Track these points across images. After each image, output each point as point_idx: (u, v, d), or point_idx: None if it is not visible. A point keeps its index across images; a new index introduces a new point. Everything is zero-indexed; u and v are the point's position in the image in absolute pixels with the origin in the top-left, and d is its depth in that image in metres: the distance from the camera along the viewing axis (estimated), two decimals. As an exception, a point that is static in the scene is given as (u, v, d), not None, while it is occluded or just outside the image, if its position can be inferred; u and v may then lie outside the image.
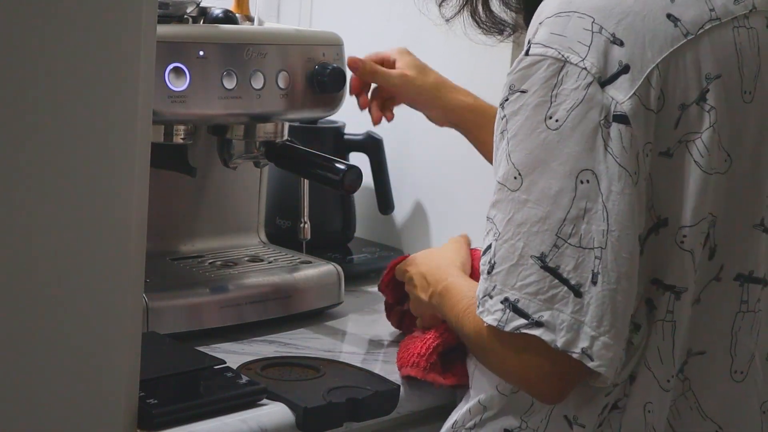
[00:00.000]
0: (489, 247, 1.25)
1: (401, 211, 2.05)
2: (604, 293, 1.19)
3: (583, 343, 1.19)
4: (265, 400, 1.41)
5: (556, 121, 1.19)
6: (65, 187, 1.18)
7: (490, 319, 1.22)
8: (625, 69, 1.21)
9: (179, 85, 1.56)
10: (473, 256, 1.58)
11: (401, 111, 2.04)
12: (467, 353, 1.44)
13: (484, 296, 1.24)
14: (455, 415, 1.42)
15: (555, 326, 1.19)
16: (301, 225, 1.76)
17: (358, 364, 1.55)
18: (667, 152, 1.23)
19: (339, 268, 1.77)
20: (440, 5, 1.51)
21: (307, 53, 1.70)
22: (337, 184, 1.66)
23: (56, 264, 1.19)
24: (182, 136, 1.64)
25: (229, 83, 1.61)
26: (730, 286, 1.31)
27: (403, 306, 1.65)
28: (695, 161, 1.23)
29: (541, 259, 1.19)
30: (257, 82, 1.64)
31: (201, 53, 1.58)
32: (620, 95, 1.20)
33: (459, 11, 1.50)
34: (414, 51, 2.01)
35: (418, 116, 2.02)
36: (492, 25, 1.49)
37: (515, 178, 1.22)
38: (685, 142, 1.23)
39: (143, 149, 1.24)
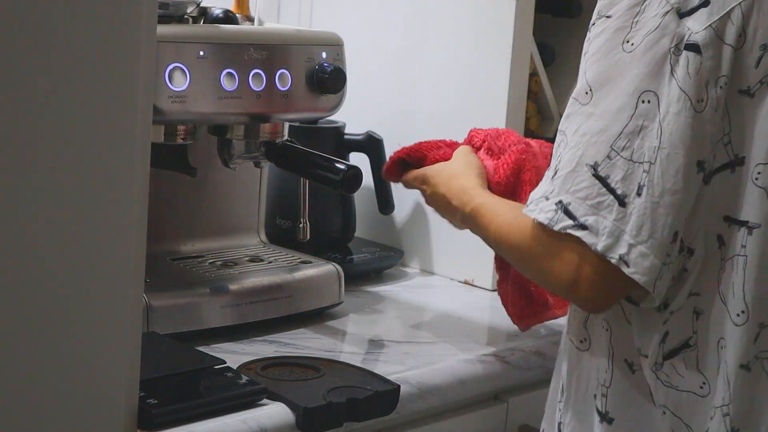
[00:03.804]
0: (558, 155, 1.32)
1: (401, 211, 2.05)
2: (646, 205, 1.26)
3: (621, 250, 1.26)
4: (265, 400, 1.41)
5: (632, 44, 1.27)
6: (65, 187, 1.18)
7: (542, 217, 1.29)
8: (705, 3, 1.27)
9: (179, 85, 1.56)
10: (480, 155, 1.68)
11: (401, 111, 2.04)
12: None
13: (541, 197, 1.31)
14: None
15: (598, 230, 1.26)
16: (301, 225, 1.76)
17: (358, 364, 1.55)
18: (747, 91, 1.28)
19: (339, 268, 1.77)
20: None
21: (307, 53, 1.70)
22: (337, 184, 1.66)
23: (56, 264, 1.19)
24: (182, 136, 1.64)
25: (229, 83, 1.61)
26: None
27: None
28: None
29: (594, 167, 1.27)
30: (257, 82, 1.64)
31: (201, 53, 1.58)
32: (696, 25, 1.26)
33: None
34: (414, 51, 2.01)
35: (418, 116, 2.02)
36: None
37: (586, 93, 1.30)
38: (766, 83, 1.27)
39: (143, 149, 1.24)
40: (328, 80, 1.69)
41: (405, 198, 2.04)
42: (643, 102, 1.26)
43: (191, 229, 1.79)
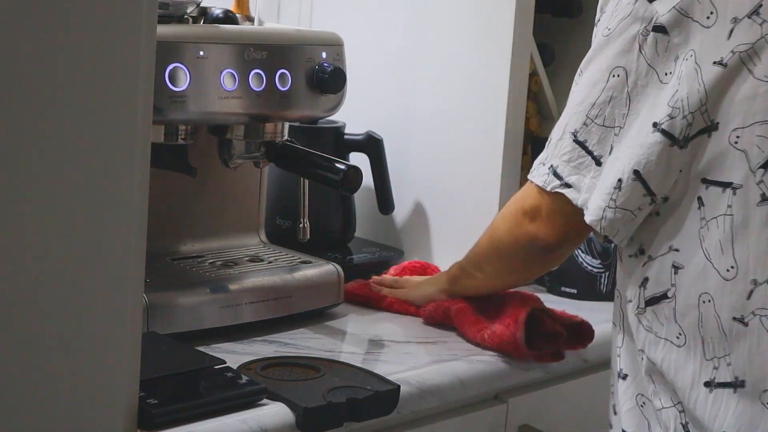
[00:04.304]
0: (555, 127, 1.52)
1: (401, 211, 2.05)
2: (610, 161, 1.43)
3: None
4: (265, 400, 1.41)
5: (609, 29, 1.44)
6: (65, 187, 1.18)
7: (538, 180, 1.50)
8: None
9: (179, 85, 1.56)
10: None
11: (401, 110, 2.04)
12: None
13: (539, 164, 1.51)
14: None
15: (580, 188, 1.46)
16: (301, 225, 1.76)
17: (358, 364, 1.55)
18: (720, 62, 1.38)
19: (339, 268, 1.77)
20: None
21: (307, 53, 1.70)
22: (337, 184, 1.66)
23: (56, 264, 1.19)
24: (182, 136, 1.64)
25: (229, 83, 1.61)
26: None
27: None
28: (748, 69, 1.37)
29: (575, 134, 1.46)
30: (257, 82, 1.64)
31: (201, 53, 1.58)
32: (662, 8, 1.40)
33: None
34: (414, 51, 2.01)
35: (418, 116, 2.02)
36: None
37: (579, 74, 1.49)
38: (738, 52, 1.37)
39: (143, 149, 1.24)
40: (328, 80, 1.69)
41: (405, 198, 2.04)
42: (613, 76, 1.43)
43: (191, 229, 1.79)
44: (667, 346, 1.42)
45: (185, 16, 1.66)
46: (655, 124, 1.40)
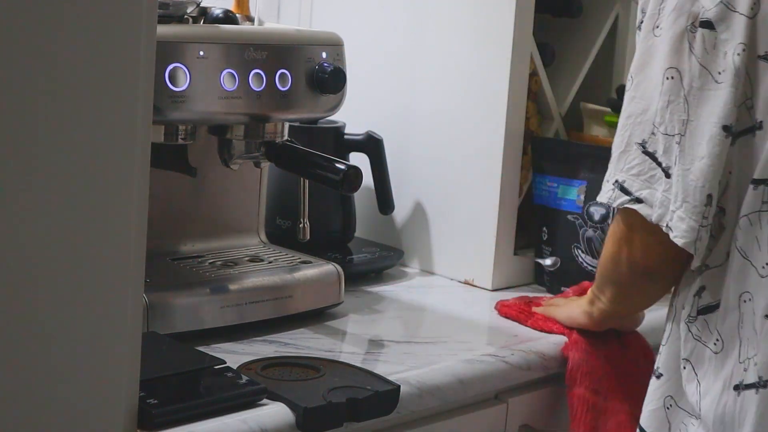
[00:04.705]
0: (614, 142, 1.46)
1: (401, 211, 2.05)
2: (680, 173, 1.37)
3: (669, 218, 1.38)
4: (265, 400, 1.41)
5: (660, 29, 1.39)
6: (66, 187, 1.18)
7: (603, 198, 1.44)
8: None
9: (179, 85, 1.56)
10: None
11: (401, 110, 2.04)
12: None
13: (605, 182, 1.45)
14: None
15: (652, 203, 1.39)
16: (301, 225, 1.76)
17: (358, 364, 1.55)
18: (765, 56, 1.35)
19: (339, 268, 1.77)
20: None
21: (307, 53, 1.70)
22: (337, 184, 1.66)
23: (56, 264, 1.19)
24: (182, 136, 1.64)
25: (229, 83, 1.61)
26: None
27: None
28: None
29: (643, 145, 1.40)
30: (257, 82, 1.64)
31: (201, 53, 1.58)
32: (708, 3, 1.35)
33: None
34: (414, 51, 2.01)
35: (418, 116, 2.02)
36: None
37: (630, 80, 1.43)
38: None
39: (143, 149, 1.24)
40: (328, 80, 1.69)
41: (405, 198, 2.04)
42: (667, 78, 1.37)
43: (191, 229, 1.79)
44: (707, 355, 1.38)
45: (185, 16, 1.66)
46: (725, 128, 1.35)
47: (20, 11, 1.13)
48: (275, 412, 1.39)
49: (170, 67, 1.55)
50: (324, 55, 1.71)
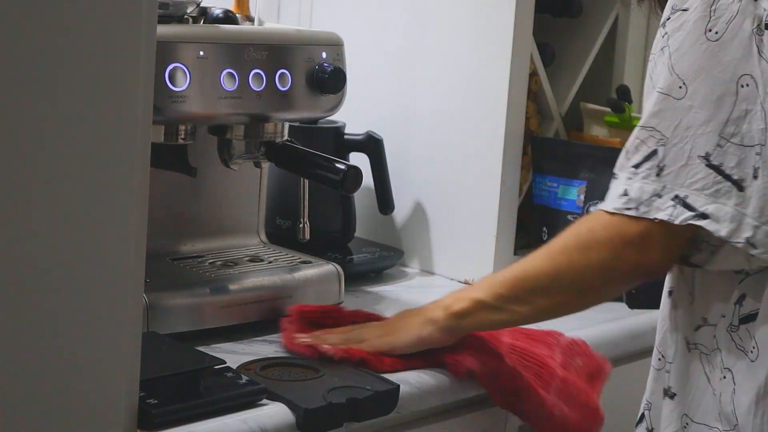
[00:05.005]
0: (654, 152, 1.35)
1: (401, 211, 2.05)
2: (765, 186, 1.30)
3: (747, 233, 1.31)
4: (265, 400, 1.41)
5: (716, 33, 1.30)
6: (66, 187, 1.18)
7: (661, 215, 1.33)
8: None
9: (179, 85, 1.56)
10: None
11: (401, 110, 2.04)
12: None
13: (652, 197, 1.34)
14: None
15: (719, 218, 1.31)
16: (301, 225, 1.76)
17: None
18: None
19: (339, 268, 1.77)
20: None
21: (307, 53, 1.70)
22: (337, 184, 1.66)
23: (56, 264, 1.19)
24: (182, 136, 1.64)
25: (229, 83, 1.61)
26: None
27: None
28: None
29: (707, 158, 1.31)
30: (257, 82, 1.64)
31: (201, 53, 1.58)
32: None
33: None
34: (414, 51, 2.01)
35: (418, 116, 2.02)
36: None
37: (680, 87, 1.33)
38: None
39: (143, 149, 1.24)
40: (328, 80, 1.69)
41: (405, 198, 2.04)
42: (742, 86, 1.30)
43: (191, 229, 1.79)
44: (747, 362, 1.35)
45: (185, 16, 1.66)
46: None
47: (20, 11, 1.13)
48: (275, 412, 1.39)
49: (170, 67, 1.55)
50: (324, 55, 1.71)
